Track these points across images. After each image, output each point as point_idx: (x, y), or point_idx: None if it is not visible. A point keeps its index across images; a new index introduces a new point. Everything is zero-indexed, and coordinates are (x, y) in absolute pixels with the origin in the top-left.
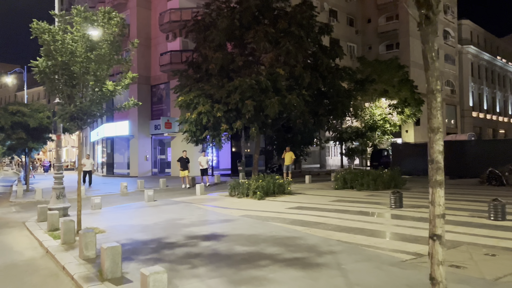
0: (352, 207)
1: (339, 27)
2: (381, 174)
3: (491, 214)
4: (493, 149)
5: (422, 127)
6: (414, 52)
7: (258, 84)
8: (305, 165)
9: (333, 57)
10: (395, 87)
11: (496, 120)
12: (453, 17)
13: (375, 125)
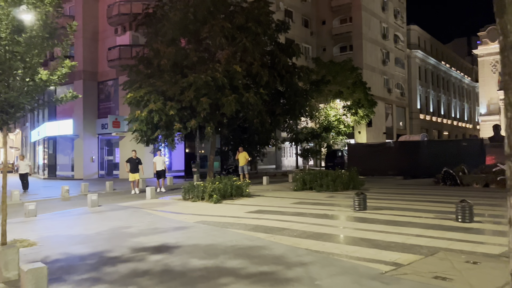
0: (316, 210)
1: (295, 28)
2: (340, 175)
3: (459, 216)
4: (444, 150)
5: (374, 128)
6: (367, 55)
7: (214, 81)
8: (261, 166)
9: (290, 56)
10: (349, 88)
11: (441, 122)
12: (403, 22)
13: (329, 126)
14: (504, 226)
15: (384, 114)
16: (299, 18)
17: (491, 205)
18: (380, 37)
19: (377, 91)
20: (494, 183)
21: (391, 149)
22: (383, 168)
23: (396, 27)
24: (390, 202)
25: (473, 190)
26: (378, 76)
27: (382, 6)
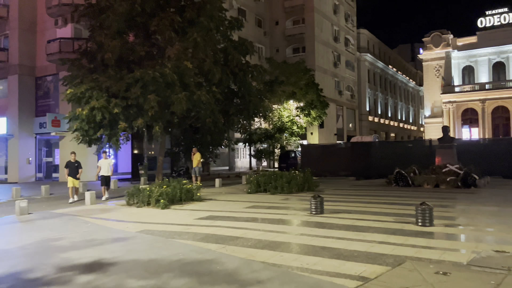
0: (271, 215)
1: (248, 27)
2: (295, 177)
3: (419, 219)
4: (395, 150)
5: (326, 130)
6: (319, 57)
7: (163, 78)
8: (214, 168)
9: (244, 54)
10: (302, 89)
11: (388, 124)
12: (353, 26)
13: (283, 126)
14: (463, 230)
15: (335, 116)
16: (253, 18)
17: (445, 207)
18: (332, 39)
19: (329, 93)
20: (444, 184)
21: (343, 150)
22: (336, 169)
23: (347, 30)
24: (347, 205)
25: (425, 191)
26: (329, 78)
27: (334, 9)
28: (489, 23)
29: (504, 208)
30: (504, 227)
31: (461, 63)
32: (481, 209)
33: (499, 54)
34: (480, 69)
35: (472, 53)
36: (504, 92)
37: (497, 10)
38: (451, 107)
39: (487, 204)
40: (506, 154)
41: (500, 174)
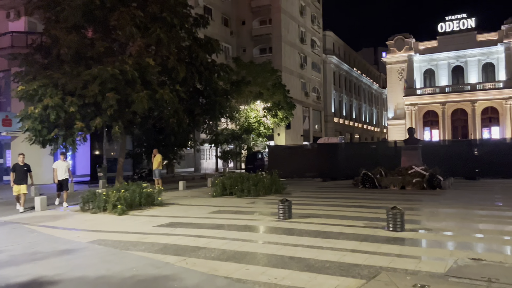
0: (236, 221)
1: (214, 26)
2: (262, 179)
3: (390, 224)
4: (361, 152)
5: (293, 131)
6: (285, 58)
7: (123, 75)
8: (178, 169)
9: (209, 52)
10: (269, 90)
11: (352, 125)
12: (319, 27)
13: (250, 127)
14: (435, 235)
15: (302, 117)
16: (219, 17)
17: (414, 209)
18: (298, 41)
19: (296, 94)
20: (410, 185)
21: (310, 151)
22: (303, 170)
23: (313, 32)
24: (315, 208)
25: (392, 193)
26: (296, 80)
27: (301, 10)
28: (449, 28)
29: (471, 210)
30: (475, 231)
31: (423, 67)
32: (449, 212)
33: (458, 58)
34: (440, 73)
35: (433, 57)
36: (462, 95)
37: (456, 16)
38: (413, 109)
39: (455, 206)
40: (466, 156)
41: (462, 175)
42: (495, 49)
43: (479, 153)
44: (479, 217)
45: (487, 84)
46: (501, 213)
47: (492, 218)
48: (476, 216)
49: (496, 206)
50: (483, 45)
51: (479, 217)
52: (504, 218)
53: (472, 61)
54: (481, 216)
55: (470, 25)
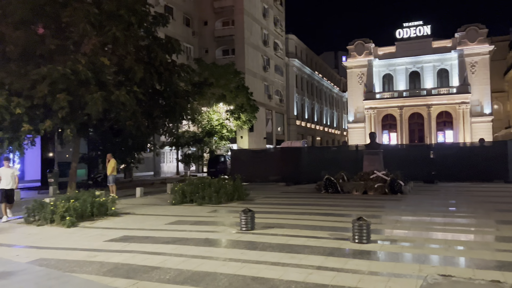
0: (196, 233)
1: (176, 26)
2: (224, 185)
3: (355, 236)
4: (323, 156)
5: (256, 133)
6: (249, 60)
7: (76, 75)
8: (137, 173)
9: (169, 52)
10: (232, 92)
11: (314, 128)
12: (282, 30)
13: (212, 130)
14: (402, 247)
15: (265, 120)
16: (180, 16)
17: (377, 217)
18: (261, 43)
19: (259, 97)
20: (372, 190)
21: (274, 155)
22: (266, 174)
23: (276, 34)
24: (279, 217)
25: (355, 198)
26: (259, 82)
27: (263, 12)
28: (406, 34)
29: (434, 218)
30: (440, 242)
31: (382, 71)
32: (413, 221)
33: (415, 64)
34: (398, 78)
35: (391, 62)
36: (419, 99)
37: (413, 23)
38: (373, 113)
39: (417, 213)
40: (425, 160)
41: (421, 178)
42: (449, 56)
43: (437, 157)
44: (442, 226)
45: (441, 89)
46: (463, 221)
47: (454, 226)
48: (439, 225)
49: (457, 213)
50: (438, 51)
51: (442, 225)
52: (465, 226)
53: (428, 67)
54: (444, 225)
55: (426, 32)
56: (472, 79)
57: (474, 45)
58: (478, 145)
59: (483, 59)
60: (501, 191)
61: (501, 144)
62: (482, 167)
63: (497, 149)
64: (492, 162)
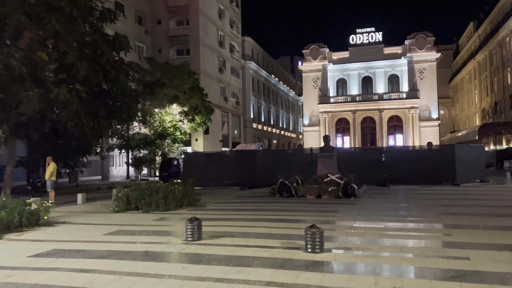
0: (136, 245)
1: (127, 24)
2: (173, 190)
3: (308, 244)
4: (278, 159)
5: (211, 136)
6: (204, 61)
7: (8, 70)
8: (84, 178)
9: (117, 49)
10: (186, 93)
11: (270, 131)
12: (238, 32)
13: (165, 132)
14: (356, 257)
15: (221, 122)
16: (132, 14)
17: (330, 223)
18: (217, 44)
19: (214, 99)
20: (326, 194)
21: (228, 158)
22: (221, 178)
23: (232, 36)
24: (229, 224)
25: (308, 202)
26: (215, 84)
27: (219, 13)
28: (359, 40)
29: (388, 222)
30: (394, 249)
31: (336, 76)
32: (367, 227)
33: (367, 69)
34: (351, 82)
35: (345, 67)
36: (371, 104)
37: (366, 29)
38: (327, 116)
39: (371, 218)
40: (377, 163)
41: (373, 181)
42: (400, 62)
43: (389, 161)
44: (396, 232)
45: (392, 94)
46: (416, 226)
47: (408, 232)
48: (393, 231)
49: (410, 217)
50: (389, 57)
51: (396, 231)
52: (419, 231)
53: (379, 72)
54: (398, 230)
55: (378, 39)
56: (421, 85)
57: (423, 52)
58: (428, 148)
59: (431, 65)
60: (450, 194)
61: (449, 147)
62: (431, 170)
63: (445, 153)
64: (440, 165)
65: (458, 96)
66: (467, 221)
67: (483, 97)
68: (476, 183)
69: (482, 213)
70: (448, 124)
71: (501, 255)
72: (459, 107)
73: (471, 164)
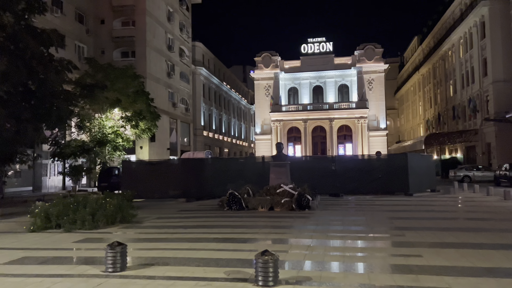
0: (38, 280)
1: (66, 21)
2: (103, 204)
3: (259, 276)
4: (229, 168)
5: (158, 144)
6: (151, 64)
7: None
8: (11, 189)
9: (46, 44)
10: (130, 97)
11: (222, 140)
12: (188, 37)
13: (104, 139)
14: None
15: (169, 129)
16: (72, 11)
17: (285, 242)
18: (166, 47)
19: (162, 104)
20: (279, 206)
21: (173, 167)
22: (166, 189)
23: (182, 40)
24: (165, 246)
25: (260, 216)
26: (162, 89)
27: (168, 16)
28: (310, 49)
29: (348, 240)
30: (363, 278)
31: (288, 84)
32: (327, 247)
33: (318, 78)
34: (303, 91)
35: (297, 75)
36: (322, 113)
37: (317, 39)
38: (279, 125)
39: (330, 235)
40: (330, 173)
41: (326, 192)
42: (349, 72)
43: (341, 170)
44: (359, 252)
45: (342, 104)
46: (379, 244)
47: (372, 252)
48: (355, 251)
49: (371, 233)
50: (339, 68)
51: (359, 251)
52: (383, 251)
53: (330, 82)
54: (361, 251)
55: (329, 49)
56: (370, 95)
57: (371, 63)
58: (381, 158)
59: (379, 76)
60: (406, 205)
61: (402, 157)
62: (384, 180)
63: (398, 162)
64: (393, 175)
65: (403, 108)
66: (434, 237)
67: (427, 108)
68: (428, 193)
69: (448, 227)
70: (393, 134)
71: (486, 283)
72: (404, 118)
73: (423, 174)
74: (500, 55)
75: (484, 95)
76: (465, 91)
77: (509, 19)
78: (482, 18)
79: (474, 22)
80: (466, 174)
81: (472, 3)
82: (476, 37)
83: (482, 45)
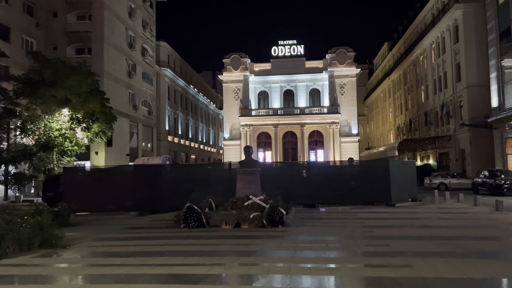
0: None
1: (11, 12)
2: (17, 225)
3: None
4: (191, 176)
5: (117, 149)
6: (109, 62)
7: None
8: None
9: None
10: (81, 96)
11: (189, 145)
12: (152, 35)
13: (50, 143)
14: None
15: (129, 133)
16: (19, 2)
17: (252, 281)
18: (126, 45)
19: (121, 106)
20: (247, 222)
21: (126, 175)
22: (117, 201)
23: (145, 39)
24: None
25: (223, 236)
26: (122, 89)
27: (129, 11)
28: (281, 52)
29: (338, 274)
30: None
31: (258, 88)
32: (307, 284)
33: (289, 82)
34: (273, 95)
35: (267, 79)
36: (293, 118)
37: (288, 41)
38: (248, 130)
39: (313, 267)
40: (304, 181)
41: (300, 202)
42: (321, 76)
43: (317, 178)
44: None
45: (314, 109)
46: (389, 284)
47: None
48: None
49: (367, 263)
50: (311, 71)
51: None
52: None
53: (301, 86)
54: None
55: (300, 52)
56: (341, 100)
57: (343, 67)
58: (359, 164)
59: (351, 81)
60: (392, 218)
61: (383, 163)
62: (364, 189)
63: (378, 169)
64: (373, 183)
65: (373, 114)
66: (449, 266)
67: (397, 114)
68: (410, 203)
69: (454, 251)
70: (363, 141)
71: None
72: (374, 125)
73: (404, 182)
74: (474, 60)
75: (458, 101)
76: (438, 96)
77: (483, 23)
78: (455, 22)
79: (447, 26)
80: (442, 182)
81: (445, 7)
82: (449, 41)
83: (455, 50)
